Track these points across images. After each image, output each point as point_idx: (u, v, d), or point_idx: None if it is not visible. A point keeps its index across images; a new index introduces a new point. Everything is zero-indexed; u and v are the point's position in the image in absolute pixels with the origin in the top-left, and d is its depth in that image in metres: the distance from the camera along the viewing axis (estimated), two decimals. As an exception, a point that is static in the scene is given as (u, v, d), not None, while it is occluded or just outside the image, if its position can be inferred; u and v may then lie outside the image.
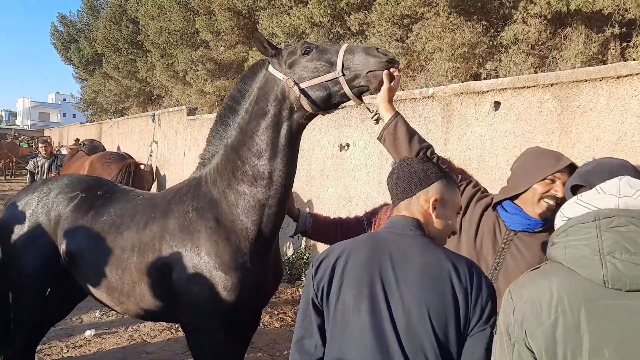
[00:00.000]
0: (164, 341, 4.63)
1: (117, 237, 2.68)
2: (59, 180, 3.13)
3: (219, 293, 2.39)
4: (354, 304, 1.47)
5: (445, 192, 1.63)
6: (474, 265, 1.53)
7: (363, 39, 7.69)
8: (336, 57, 2.21)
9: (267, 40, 2.39)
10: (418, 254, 1.50)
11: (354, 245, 1.58)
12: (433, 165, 1.66)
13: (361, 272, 1.49)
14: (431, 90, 4.92)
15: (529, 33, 5.50)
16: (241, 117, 2.50)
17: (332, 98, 2.28)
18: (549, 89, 3.69)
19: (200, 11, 10.92)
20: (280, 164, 2.39)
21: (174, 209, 2.58)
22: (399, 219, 1.62)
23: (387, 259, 1.49)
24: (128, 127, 15.24)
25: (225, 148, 2.52)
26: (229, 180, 2.47)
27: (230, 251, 2.41)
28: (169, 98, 14.29)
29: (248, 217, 2.43)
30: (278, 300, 5.78)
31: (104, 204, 2.86)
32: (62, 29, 21.35)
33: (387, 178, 1.72)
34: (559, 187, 1.99)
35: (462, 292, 1.43)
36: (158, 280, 2.55)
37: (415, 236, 1.56)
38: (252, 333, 2.89)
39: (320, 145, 6.44)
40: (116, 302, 2.75)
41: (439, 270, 1.46)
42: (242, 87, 2.54)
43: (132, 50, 14.98)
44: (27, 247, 2.95)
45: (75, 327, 4.90)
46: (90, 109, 21.84)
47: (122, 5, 15.78)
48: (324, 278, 1.54)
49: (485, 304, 1.45)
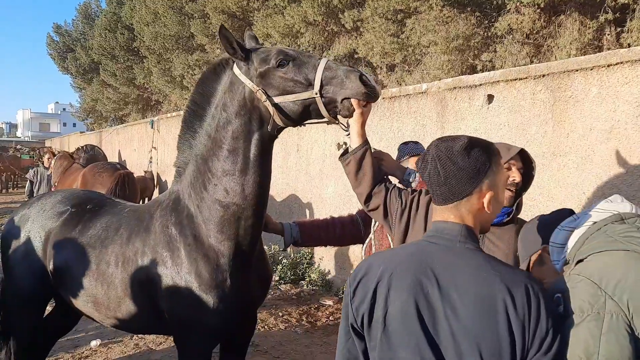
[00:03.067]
0: (169, 349, 4.64)
1: (102, 251, 2.63)
2: (53, 196, 3.13)
3: (202, 312, 2.33)
4: (401, 337, 1.32)
5: (497, 179, 1.41)
6: (534, 286, 1.31)
7: (358, 36, 7.68)
8: (314, 74, 2.06)
9: (237, 40, 2.19)
10: (469, 279, 1.30)
11: (397, 265, 1.37)
12: (479, 154, 1.38)
13: (406, 302, 1.32)
14: (425, 86, 4.90)
15: (523, 22, 5.48)
16: (207, 123, 2.35)
17: (308, 115, 2.17)
18: (541, 80, 3.68)
19: (194, 15, 10.93)
20: (252, 175, 2.26)
21: (155, 223, 2.50)
22: (446, 226, 1.40)
23: (434, 286, 1.31)
24: (127, 134, 15.28)
25: (196, 158, 2.39)
26: (201, 194, 2.35)
27: (209, 269, 2.32)
28: (167, 103, 14.32)
29: (224, 232, 2.32)
30: (282, 302, 5.79)
31: (91, 217, 2.82)
32: (57, 39, 21.41)
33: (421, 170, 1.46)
34: (515, 173, 2.10)
35: (518, 324, 1.25)
36: (143, 296, 2.50)
37: (465, 252, 1.36)
38: (246, 340, 2.81)
39: (318, 144, 6.44)
40: (104, 317, 2.71)
41: (492, 301, 1.26)
42: (204, 89, 2.37)
43: (128, 57, 15.01)
44: (21, 264, 2.95)
45: (81, 337, 4.91)
46: (90, 117, 21.92)
47: (116, 12, 15.80)
48: (364, 304, 1.38)
49: (545, 334, 1.26)
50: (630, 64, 3.18)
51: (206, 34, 10.61)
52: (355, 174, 2.11)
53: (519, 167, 2.11)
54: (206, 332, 2.40)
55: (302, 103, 2.11)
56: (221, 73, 2.33)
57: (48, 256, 2.86)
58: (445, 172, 1.38)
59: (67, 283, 2.76)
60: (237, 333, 2.67)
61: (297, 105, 2.12)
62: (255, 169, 2.27)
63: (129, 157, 15.10)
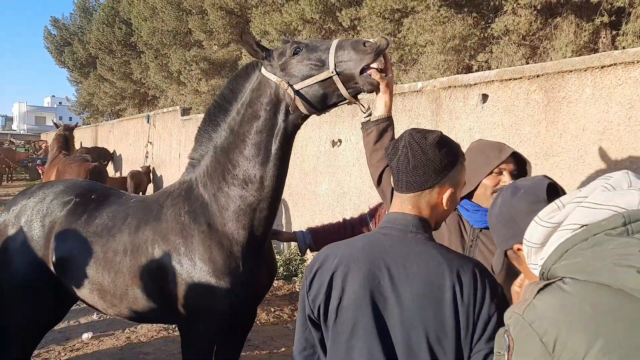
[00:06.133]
0: (160, 342, 4.65)
1: (109, 240, 2.66)
2: (55, 186, 3.10)
3: (213, 298, 2.39)
4: (353, 325, 1.37)
5: (459, 177, 1.47)
6: (482, 273, 1.36)
7: (355, 34, 7.69)
8: (327, 54, 2.12)
9: (257, 42, 2.32)
10: (418, 268, 1.35)
11: (350, 257, 1.42)
12: (449, 151, 1.45)
13: (359, 292, 1.36)
14: (420, 84, 4.92)
15: (519, 24, 5.51)
16: (232, 117, 2.45)
17: (329, 98, 2.21)
18: (535, 81, 3.70)
19: (192, 11, 10.91)
20: (272, 168, 2.35)
21: (166, 212, 2.55)
22: (399, 217, 1.45)
23: (386, 276, 1.36)
24: (123, 129, 15.24)
25: (215, 149, 2.48)
26: (219, 184, 2.43)
27: (223, 256, 2.39)
28: (164, 98, 14.29)
29: (239, 221, 2.40)
30: (274, 297, 5.80)
31: (96, 207, 2.84)
32: (55, 33, 21.33)
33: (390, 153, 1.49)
34: (507, 177, 2.03)
35: (463, 310, 1.30)
36: (151, 284, 2.54)
37: (416, 242, 1.40)
38: (248, 331, 2.88)
39: (312, 141, 6.45)
40: (109, 305, 2.74)
41: (440, 288, 1.31)
42: (234, 86, 2.48)
43: (125, 52, 14.98)
44: (20, 253, 2.92)
45: (73, 329, 4.91)
46: (86, 111, 21.85)
47: (114, 7, 15.76)
48: (319, 295, 1.43)
49: (488, 319, 1.30)
50: (623, 65, 3.20)
51: (204, 30, 10.60)
52: (373, 144, 2.11)
53: (512, 169, 2.06)
54: (215, 319, 2.44)
55: (320, 85, 2.16)
56: (251, 73, 2.44)
57: (52, 246, 2.84)
58: (414, 160, 1.42)
59: (72, 272, 2.77)
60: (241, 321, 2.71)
61: (316, 88, 2.18)
62: (275, 162, 2.35)
63: (124, 152, 15.07)
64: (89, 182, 3.30)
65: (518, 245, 1.34)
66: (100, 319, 5.22)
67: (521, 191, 1.40)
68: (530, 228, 1.21)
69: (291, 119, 2.31)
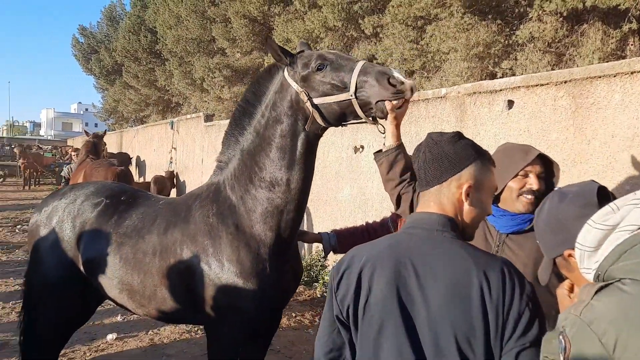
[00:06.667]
0: (183, 344, 4.69)
1: (138, 241, 2.71)
2: (85, 187, 3.17)
3: (240, 299, 2.41)
4: (380, 324, 1.37)
5: (479, 175, 1.44)
6: (510, 271, 1.34)
7: (377, 42, 7.71)
8: (350, 77, 2.14)
9: (281, 48, 2.34)
10: (445, 267, 1.34)
11: (376, 257, 1.42)
12: (466, 145, 1.46)
13: (386, 291, 1.36)
14: (444, 91, 4.91)
15: (545, 31, 5.46)
16: (257, 120, 2.47)
17: (346, 117, 2.25)
18: (563, 86, 3.66)
19: (216, 19, 11.09)
20: (298, 171, 2.37)
21: (195, 214, 2.59)
22: (424, 216, 1.45)
23: (412, 275, 1.35)
24: (148, 135, 15.48)
25: (242, 153, 2.51)
26: (247, 186, 2.46)
27: (251, 258, 2.41)
28: (187, 105, 14.50)
29: (266, 223, 2.42)
30: (295, 303, 5.80)
31: (126, 208, 2.90)
32: (82, 41, 21.86)
33: (413, 156, 1.54)
34: (534, 180, 2.01)
35: (492, 307, 1.28)
36: (179, 284, 2.57)
37: (442, 241, 1.39)
38: (272, 335, 2.90)
39: (335, 147, 6.47)
40: (137, 305, 2.78)
41: (467, 287, 1.30)
42: (257, 89, 2.51)
43: (150, 60, 15.25)
44: (51, 254, 2.99)
45: (98, 330, 4.99)
46: (111, 118, 22.29)
47: (140, 15, 16.08)
48: (348, 295, 1.42)
49: (519, 316, 1.28)
50: (654, 71, 3.15)
51: (227, 37, 10.75)
52: (386, 174, 2.20)
53: (539, 172, 2.05)
54: (241, 320, 2.46)
55: (339, 105, 2.20)
56: (274, 74, 2.46)
57: (82, 246, 2.89)
58: (431, 154, 1.46)
59: (102, 272, 2.81)
60: (264, 326, 2.73)
61: (335, 106, 2.21)
62: (300, 166, 2.37)
63: (148, 157, 15.31)
64: (118, 184, 3.36)
65: (569, 251, 1.31)
66: (124, 320, 5.29)
67: (569, 196, 1.37)
68: (584, 232, 1.20)
69: (312, 128, 2.34)
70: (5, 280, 6.59)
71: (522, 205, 2.05)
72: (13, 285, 6.37)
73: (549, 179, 2.10)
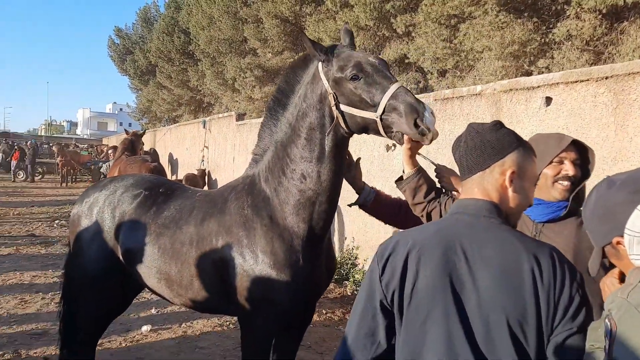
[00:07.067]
0: (215, 337, 4.77)
1: (176, 232, 2.76)
2: (125, 180, 3.24)
3: (273, 290, 2.43)
4: (429, 311, 1.35)
5: (522, 162, 1.43)
6: (559, 257, 1.34)
7: (409, 41, 7.67)
8: (380, 98, 2.13)
9: (315, 44, 2.33)
10: (495, 251, 1.34)
11: (424, 242, 1.41)
12: (508, 132, 1.46)
13: (434, 276, 1.36)
14: (479, 88, 4.85)
15: (583, 29, 5.34)
16: (290, 112, 2.47)
17: (368, 130, 2.26)
18: (604, 83, 3.57)
19: (248, 20, 11.22)
20: (328, 164, 2.36)
21: (230, 205, 2.63)
22: (470, 202, 1.44)
23: (461, 259, 1.35)
24: (180, 133, 15.77)
25: (276, 144, 2.52)
26: (280, 178, 2.48)
27: (284, 249, 2.43)
28: (218, 105, 14.73)
29: (299, 215, 2.43)
30: (326, 300, 5.82)
31: (164, 200, 2.95)
32: (118, 42, 22.44)
33: (453, 147, 1.54)
34: (569, 166, 1.99)
35: (544, 291, 1.28)
36: (214, 275, 2.61)
37: (490, 226, 1.39)
38: (305, 327, 2.90)
39: (366, 145, 6.47)
40: (175, 295, 2.84)
41: (518, 271, 1.30)
42: (291, 78, 2.50)
43: (183, 60, 15.55)
44: (92, 243, 3.07)
45: (133, 322, 5.11)
46: (145, 117, 22.82)
47: (174, 16, 16.41)
48: (394, 280, 1.41)
49: (569, 302, 1.28)
50: (701, 67, 3.05)
51: (259, 38, 10.87)
52: (412, 200, 2.26)
53: (573, 158, 2.02)
54: (274, 311, 2.47)
55: (363, 119, 2.20)
56: (309, 63, 2.45)
57: (121, 237, 2.96)
58: (472, 142, 1.46)
59: (141, 262, 2.87)
60: (297, 319, 2.73)
61: (359, 120, 2.22)
62: (330, 159, 2.36)
63: (180, 156, 15.59)
64: (156, 176, 3.44)
65: (618, 239, 1.29)
66: (158, 313, 5.41)
67: (617, 183, 1.34)
68: (633, 217, 1.20)
69: (336, 129, 2.33)
70: (44, 272, 6.81)
71: (558, 192, 2.02)
72: (52, 277, 6.58)
73: (584, 166, 2.07)
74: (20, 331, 4.73)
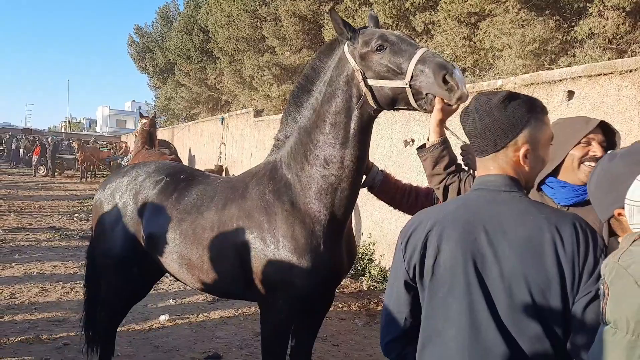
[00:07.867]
0: (232, 328, 4.81)
1: (198, 217, 2.79)
2: (147, 166, 3.30)
3: (293, 275, 2.45)
4: (451, 284, 1.37)
5: (535, 135, 1.41)
6: (582, 224, 1.35)
7: (428, 39, 7.65)
8: (407, 64, 2.08)
9: (344, 21, 2.28)
10: (516, 224, 1.35)
11: (445, 218, 1.43)
12: (517, 107, 1.41)
13: (456, 250, 1.37)
14: (500, 82, 4.83)
15: (605, 27, 5.27)
16: (314, 97, 2.47)
17: (397, 103, 2.21)
18: (628, 76, 3.53)
19: (267, 18, 11.28)
20: (351, 149, 2.35)
21: (251, 191, 2.64)
22: (490, 178, 1.44)
23: (481, 233, 1.36)
24: (198, 130, 15.92)
25: (299, 130, 2.51)
26: (302, 164, 2.48)
27: (305, 234, 2.44)
28: (236, 103, 14.82)
29: (321, 200, 2.43)
30: (342, 295, 5.84)
31: (186, 186, 2.99)
32: (138, 40, 22.71)
33: (461, 119, 1.50)
34: (597, 148, 1.94)
35: (567, 260, 1.30)
36: (235, 259, 2.63)
37: (511, 199, 1.39)
38: (324, 313, 2.90)
39: (384, 141, 6.47)
40: (196, 279, 2.87)
41: (539, 241, 1.31)
42: (317, 64, 2.49)
43: (202, 58, 15.69)
44: (114, 228, 3.13)
45: (151, 312, 5.18)
46: (164, 115, 23.06)
47: (193, 15, 16.57)
48: (415, 255, 1.44)
49: (594, 267, 1.29)
50: None
51: (277, 36, 10.92)
52: (431, 169, 2.17)
53: (600, 140, 1.97)
54: (294, 296, 2.49)
55: (392, 90, 2.17)
56: (335, 49, 2.44)
57: (144, 221, 3.01)
58: (482, 124, 1.43)
59: (163, 247, 2.91)
60: (316, 305, 2.75)
61: (388, 91, 2.19)
62: (354, 144, 2.36)
63: (198, 152, 15.73)
64: (177, 163, 3.49)
65: (619, 210, 1.31)
66: (176, 303, 5.48)
67: (618, 155, 1.37)
68: (633, 187, 1.24)
69: (365, 108, 2.32)
70: (64, 263, 6.94)
71: (584, 174, 1.99)
72: (72, 267, 6.70)
73: (610, 149, 2.04)
74: (42, 318, 4.83)
